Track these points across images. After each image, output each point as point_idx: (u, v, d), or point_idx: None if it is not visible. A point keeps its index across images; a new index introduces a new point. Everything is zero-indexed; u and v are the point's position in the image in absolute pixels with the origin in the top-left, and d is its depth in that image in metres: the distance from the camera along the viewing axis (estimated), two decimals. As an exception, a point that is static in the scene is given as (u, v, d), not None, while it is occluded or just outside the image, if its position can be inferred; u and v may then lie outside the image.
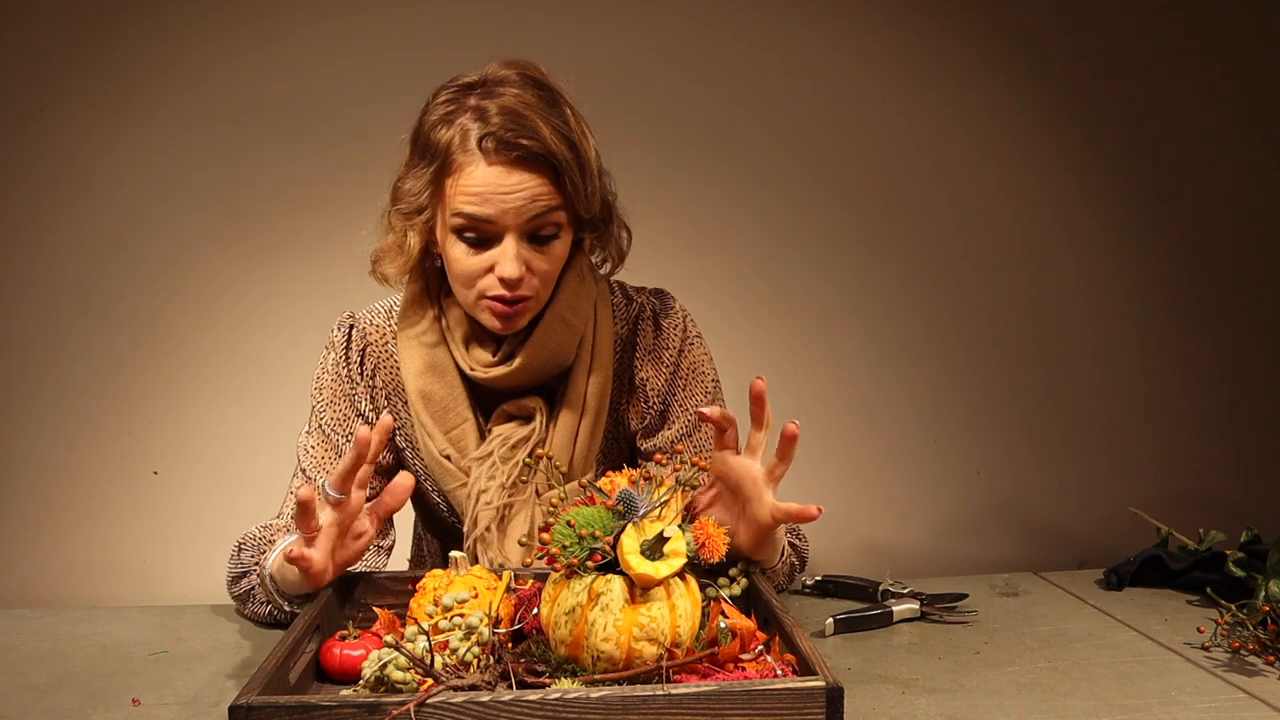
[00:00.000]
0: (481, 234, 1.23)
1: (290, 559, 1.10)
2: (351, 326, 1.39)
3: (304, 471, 1.35)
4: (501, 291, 1.24)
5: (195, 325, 1.97)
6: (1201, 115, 2.15)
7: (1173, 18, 2.14)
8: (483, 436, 1.34)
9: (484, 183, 1.20)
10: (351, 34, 1.95)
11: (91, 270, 1.94)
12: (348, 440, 1.35)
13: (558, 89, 1.26)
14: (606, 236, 1.35)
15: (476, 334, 1.33)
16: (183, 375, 1.97)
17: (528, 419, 1.33)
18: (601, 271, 1.39)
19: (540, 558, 0.95)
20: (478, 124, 1.21)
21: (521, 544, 1.28)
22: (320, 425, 1.36)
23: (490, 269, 1.23)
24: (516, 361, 1.29)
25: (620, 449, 1.43)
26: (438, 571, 1.11)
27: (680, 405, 1.39)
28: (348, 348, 1.38)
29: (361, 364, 1.38)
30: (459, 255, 1.25)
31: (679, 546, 0.92)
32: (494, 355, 1.31)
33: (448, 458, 1.34)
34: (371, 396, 1.38)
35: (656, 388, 1.39)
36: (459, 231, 1.24)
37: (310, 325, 1.92)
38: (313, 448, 1.36)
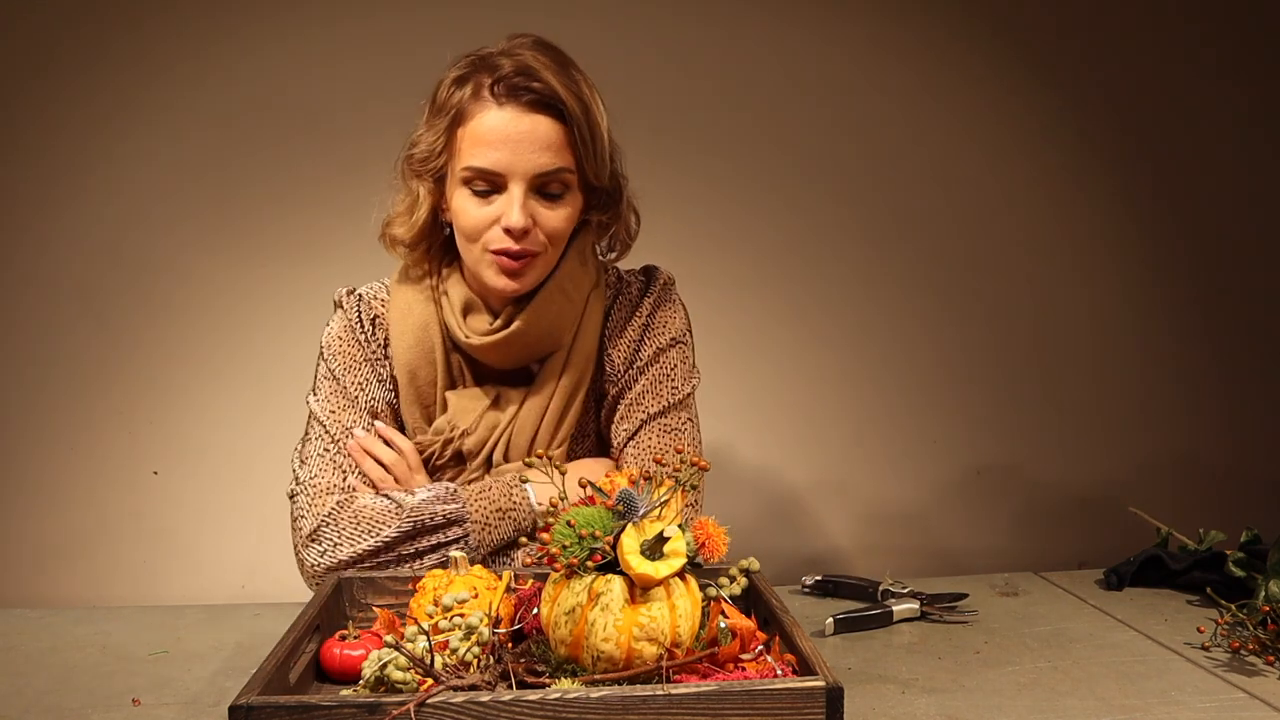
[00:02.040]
0: (490, 184, 1.25)
1: None
2: (360, 297, 1.39)
3: (329, 434, 1.32)
4: (507, 244, 1.24)
5: (195, 325, 1.97)
6: (1204, 114, 2.15)
7: (1173, 17, 2.14)
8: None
9: (494, 126, 1.23)
10: (351, 35, 1.95)
11: (91, 270, 1.94)
12: (371, 400, 1.35)
13: (571, 59, 1.30)
14: (615, 216, 1.35)
15: (476, 304, 1.33)
16: (183, 375, 1.97)
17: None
18: (610, 256, 1.40)
19: (540, 558, 0.95)
20: (490, 75, 1.25)
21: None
22: (344, 389, 1.34)
23: (496, 221, 1.24)
24: (515, 325, 1.29)
25: (590, 442, 1.41)
26: (438, 571, 1.11)
27: (649, 344, 1.36)
28: (359, 315, 1.38)
29: (374, 332, 1.37)
30: (467, 207, 1.26)
31: (679, 546, 0.92)
32: (491, 323, 1.32)
33: (415, 431, 1.35)
34: (389, 365, 1.37)
35: (630, 340, 1.37)
36: (468, 183, 1.26)
37: (311, 325, 1.91)
38: (335, 410, 1.33)
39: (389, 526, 1.24)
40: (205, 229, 1.95)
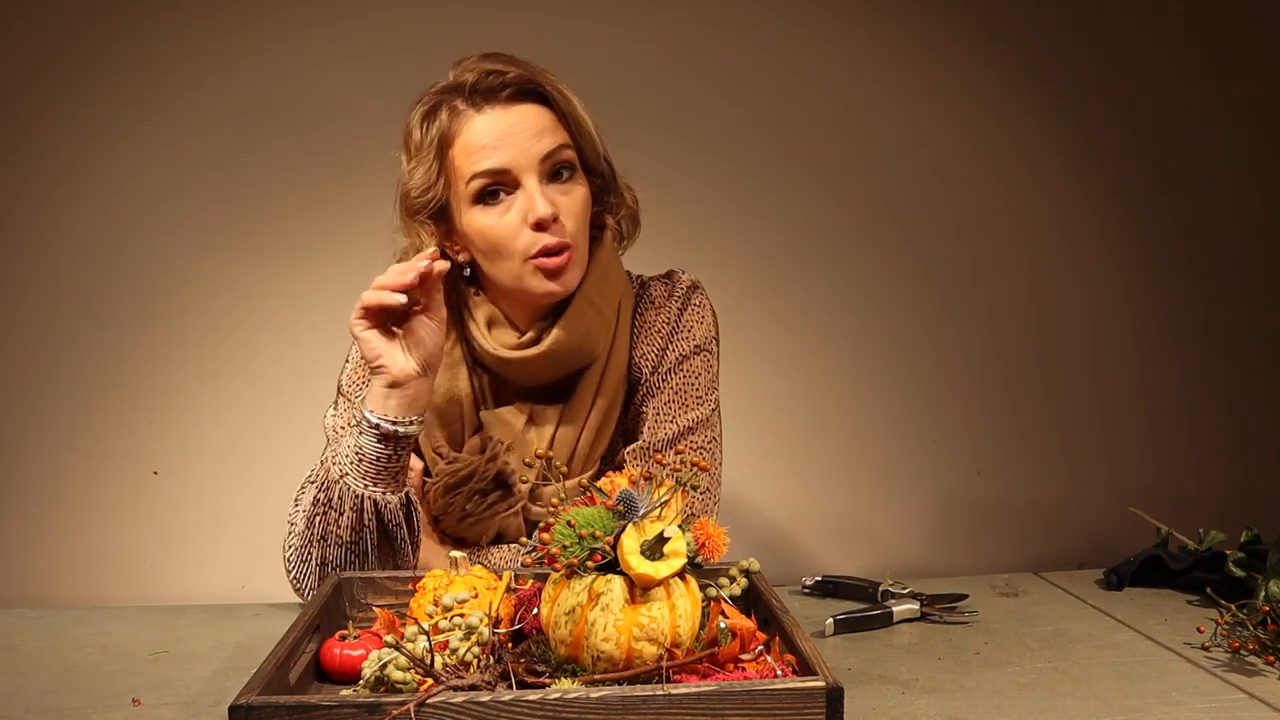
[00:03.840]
0: (502, 185, 1.22)
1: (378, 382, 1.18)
2: None
3: (332, 444, 1.32)
4: (543, 240, 1.21)
5: (195, 325, 1.97)
6: (1203, 113, 2.15)
7: (1173, 17, 2.14)
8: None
9: (485, 129, 1.21)
10: (352, 34, 1.95)
11: (91, 270, 1.94)
12: None
13: (526, 59, 1.28)
14: (619, 199, 1.34)
15: (503, 318, 1.31)
16: (183, 375, 1.97)
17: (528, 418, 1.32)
18: (625, 245, 1.38)
19: (540, 558, 0.95)
20: (459, 93, 1.23)
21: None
22: (352, 406, 1.34)
23: (521, 224, 1.22)
24: (546, 343, 1.26)
25: (618, 447, 1.41)
26: (438, 571, 1.11)
27: (674, 350, 1.34)
28: None
29: None
30: (487, 223, 1.23)
31: (679, 546, 0.92)
32: (519, 338, 1.29)
33: (439, 454, 1.33)
34: None
35: (655, 345, 1.35)
36: (479, 197, 1.23)
37: (311, 325, 1.92)
38: (344, 427, 1.33)
39: (306, 498, 1.25)
40: (205, 229, 1.95)
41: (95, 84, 1.92)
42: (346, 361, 1.39)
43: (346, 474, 1.20)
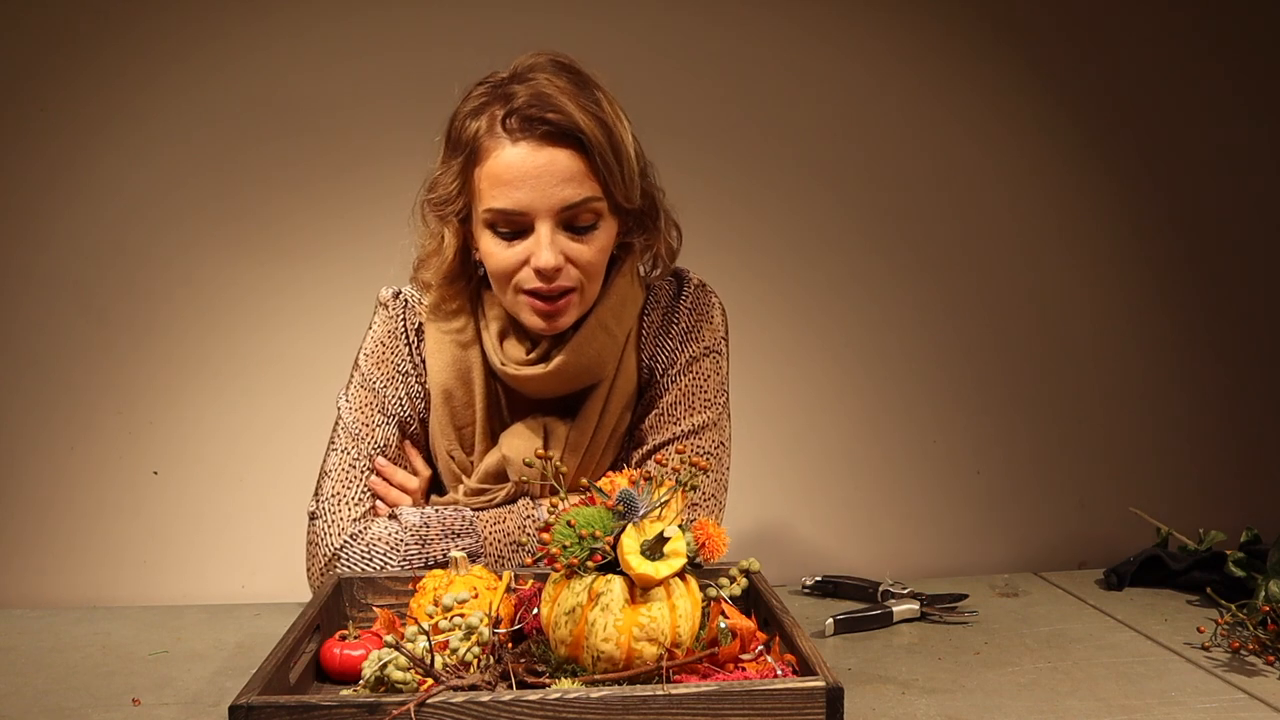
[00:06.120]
0: (514, 226, 1.19)
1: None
2: (405, 303, 1.35)
3: (356, 448, 1.30)
4: (539, 284, 1.19)
5: (195, 325, 1.97)
6: (1202, 114, 2.15)
7: (1174, 17, 2.14)
8: (493, 440, 1.33)
9: (511, 164, 1.17)
10: (353, 33, 1.95)
11: (91, 270, 1.94)
12: (404, 415, 1.33)
13: (590, 75, 1.24)
14: (655, 235, 1.30)
15: (514, 330, 1.29)
16: (183, 375, 1.97)
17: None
18: (654, 275, 1.35)
19: (540, 558, 0.95)
20: (504, 107, 1.19)
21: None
22: (381, 402, 1.32)
23: (526, 261, 1.19)
24: (553, 363, 1.25)
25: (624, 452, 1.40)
26: (438, 571, 1.11)
27: (684, 351, 1.33)
28: (405, 319, 1.34)
29: (418, 344, 1.34)
30: (494, 250, 1.21)
31: (679, 546, 0.92)
32: (528, 353, 1.28)
33: (452, 456, 1.33)
34: (425, 379, 1.34)
35: (665, 347, 1.33)
36: (492, 226, 1.21)
37: (311, 325, 1.92)
38: (366, 424, 1.31)
39: (396, 559, 1.23)
40: (205, 228, 1.95)
41: (95, 84, 1.92)
42: (366, 356, 1.35)
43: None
